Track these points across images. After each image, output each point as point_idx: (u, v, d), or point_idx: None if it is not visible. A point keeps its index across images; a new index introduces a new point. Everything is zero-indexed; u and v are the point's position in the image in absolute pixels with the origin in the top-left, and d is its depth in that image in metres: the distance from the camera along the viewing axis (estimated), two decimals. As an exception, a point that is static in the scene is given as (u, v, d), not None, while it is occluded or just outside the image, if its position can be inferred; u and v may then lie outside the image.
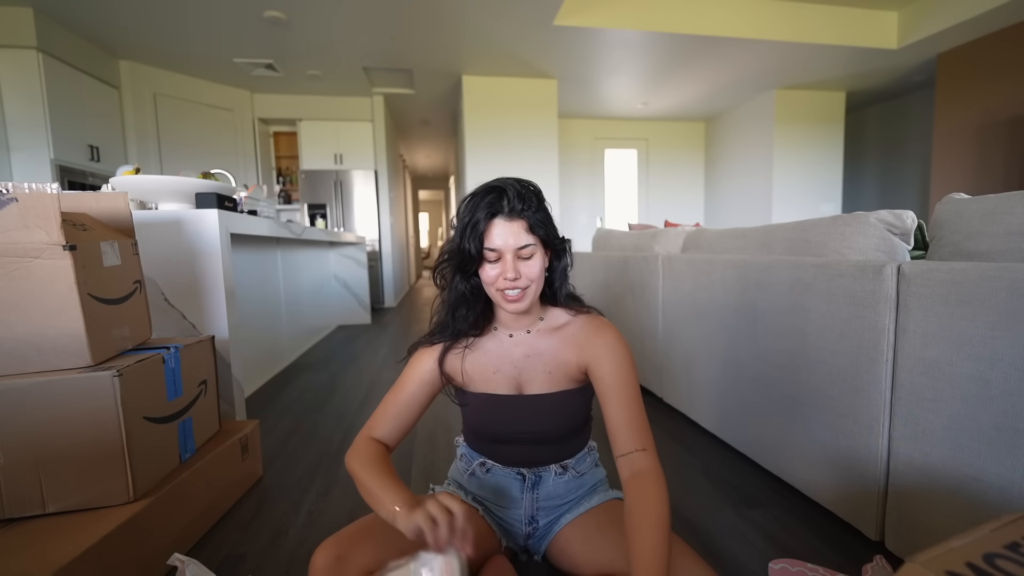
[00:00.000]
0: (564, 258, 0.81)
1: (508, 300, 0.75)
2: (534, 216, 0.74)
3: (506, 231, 0.72)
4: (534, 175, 4.61)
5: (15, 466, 0.86)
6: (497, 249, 0.73)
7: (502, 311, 0.82)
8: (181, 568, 0.85)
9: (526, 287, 0.75)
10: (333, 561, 0.68)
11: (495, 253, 0.73)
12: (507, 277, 0.73)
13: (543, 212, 0.76)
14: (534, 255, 0.75)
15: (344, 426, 1.80)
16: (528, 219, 0.74)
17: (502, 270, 0.73)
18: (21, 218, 0.87)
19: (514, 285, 0.74)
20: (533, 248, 0.74)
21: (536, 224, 0.75)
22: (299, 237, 2.71)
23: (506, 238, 0.72)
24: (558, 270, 0.81)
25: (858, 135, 6.08)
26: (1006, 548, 0.31)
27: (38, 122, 3.30)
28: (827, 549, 1.01)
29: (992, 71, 3.89)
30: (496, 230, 0.73)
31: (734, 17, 3.82)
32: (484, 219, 0.72)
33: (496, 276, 0.74)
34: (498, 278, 0.74)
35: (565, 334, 0.82)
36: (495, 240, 0.73)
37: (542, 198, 0.77)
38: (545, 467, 0.87)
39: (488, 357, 0.83)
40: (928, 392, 0.85)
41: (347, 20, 3.51)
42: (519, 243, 0.73)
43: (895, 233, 1.05)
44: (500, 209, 0.73)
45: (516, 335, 0.83)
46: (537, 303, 0.82)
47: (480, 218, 0.72)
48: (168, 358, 1.07)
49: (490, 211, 0.72)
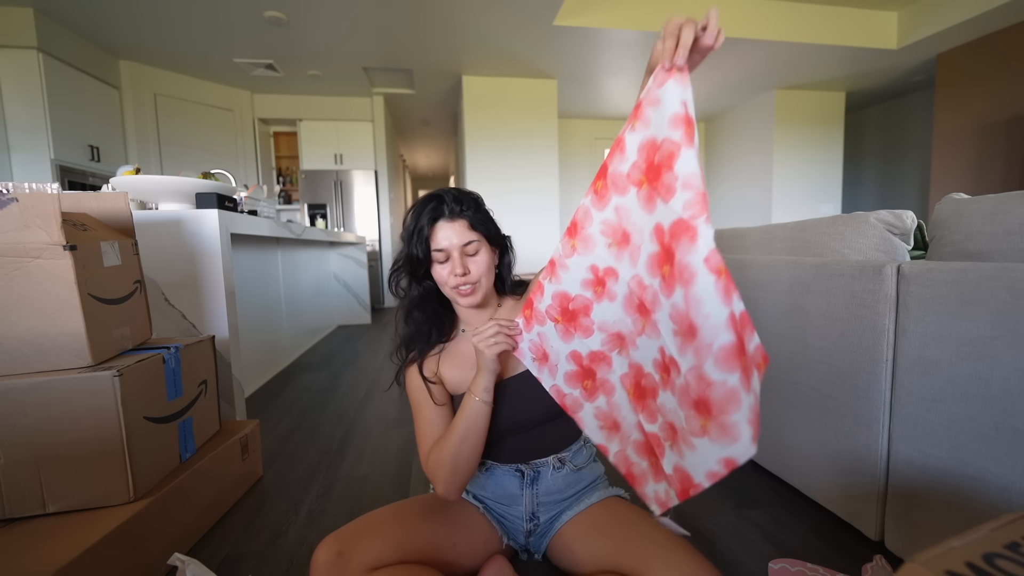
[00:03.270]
0: (508, 254, 0.89)
1: (462, 295, 0.81)
2: (474, 216, 0.81)
3: (449, 231, 0.79)
4: (534, 175, 4.60)
5: (15, 466, 0.86)
6: (444, 249, 0.79)
7: (462, 311, 0.87)
8: (181, 568, 0.85)
9: (476, 281, 0.80)
10: (335, 557, 0.68)
11: (443, 253, 0.79)
12: (456, 273, 0.78)
13: (482, 213, 0.83)
14: (479, 251, 0.81)
15: (344, 426, 1.80)
16: (468, 218, 0.80)
17: (451, 268, 0.79)
18: (21, 218, 0.87)
19: (464, 280, 0.79)
20: (477, 244, 0.80)
21: (477, 222, 0.81)
22: (299, 237, 2.71)
23: (450, 238, 0.79)
24: (505, 265, 0.88)
25: (858, 135, 6.08)
26: (1006, 548, 0.31)
27: (38, 122, 3.30)
28: (827, 549, 1.01)
29: (992, 71, 3.89)
30: (440, 232, 0.79)
31: (734, 17, 3.83)
32: (428, 224, 0.79)
33: (447, 274, 0.79)
34: (449, 276, 0.79)
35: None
36: (441, 241, 0.79)
37: (481, 202, 0.84)
38: (543, 461, 0.88)
39: (462, 358, 0.86)
40: (928, 392, 0.85)
41: (347, 20, 3.51)
42: (463, 240, 0.79)
43: (895, 233, 1.05)
44: (441, 213, 0.79)
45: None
46: (493, 295, 0.88)
47: (424, 223, 0.79)
48: (168, 358, 1.07)
49: (432, 216, 0.79)
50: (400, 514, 0.81)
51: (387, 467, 1.46)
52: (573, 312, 0.73)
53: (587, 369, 0.75)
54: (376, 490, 1.31)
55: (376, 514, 0.80)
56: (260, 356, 2.44)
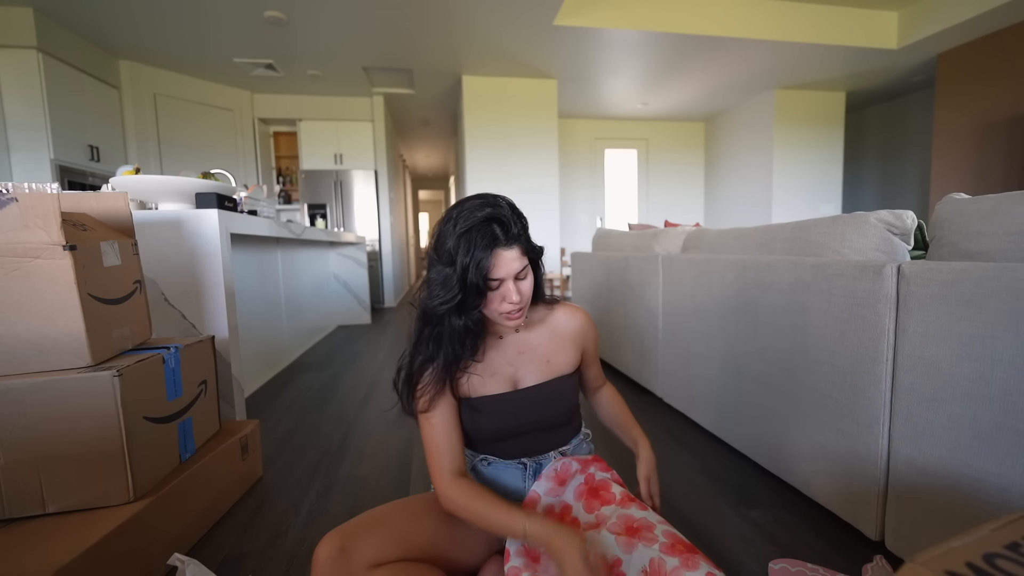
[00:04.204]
0: (540, 265, 0.85)
1: (511, 319, 0.78)
2: (525, 239, 0.76)
3: (507, 260, 0.73)
4: (534, 175, 4.61)
5: (15, 466, 0.86)
6: (499, 279, 0.74)
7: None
8: (181, 568, 0.85)
9: (525, 306, 0.78)
10: (337, 553, 0.68)
11: (497, 282, 0.74)
12: (511, 301, 0.75)
13: (527, 229, 0.78)
14: (528, 275, 0.78)
15: (344, 426, 1.80)
16: (522, 244, 0.75)
17: (504, 295, 0.75)
18: (21, 218, 0.87)
19: (517, 306, 0.76)
20: (527, 270, 0.77)
21: (528, 248, 0.77)
22: (299, 237, 2.71)
23: (508, 267, 0.73)
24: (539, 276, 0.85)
25: (858, 135, 6.08)
26: (1006, 548, 0.31)
27: (38, 122, 3.30)
28: (827, 549, 1.01)
29: (992, 71, 3.89)
30: (498, 261, 0.72)
31: (734, 17, 3.82)
32: (486, 254, 0.71)
33: (500, 302, 0.75)
34: (502, 303, 0.75)
35: (553, 325, 0.89)
36: (498, 271, 0.73)
37: (526, 223, 0.78)
38: (544, 455, 0.88)
39: (484, 364, 0.85)
40: (928, 392, 0.85)
41: (347, 20, 3.51)
42: (518, 267, 0.74)
43: (895, 233, 1.05)
44: (498, 242, 0.72)
45: (506, 336, 0.87)
46: None
47: (481, 253, 0.71)
48: (168, 358, 1.07)
49: (489, 244, 0.71)
50: (402, 511, 0.80)
51: (387, 467, 1.46)
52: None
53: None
54: (376, 490, 1.31)
55: (378, 511, 0.79)
56: (260, 356, 2.44)
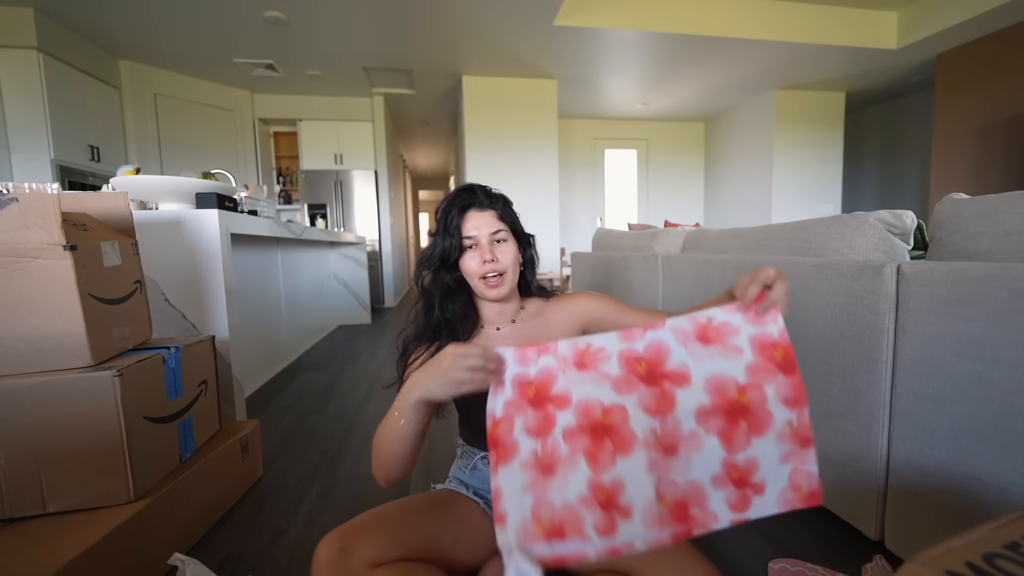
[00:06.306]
0: (530, 251, 0.92)
1: (490, 285, 0.83)
2: (503, 209, 0.86)
3: (479, 220, 0.84)
4: (534, 175, 4.60)
5: (15, 466, 0.86)
6: (473, 237, 0.83)
7: (487, 307, 0.89)
8: (181, 568, 0.85)
9: (503, 271, 0.83)
10: (337, 553, 0.68)
11: (472, 240, 0.83)
12: (486, 260, 0.82)
13: (510, 209, 0.88)
14: (507, 240, 0.85)
15: (344, 426, 1.80)
16: (497, 210, 0.85)
17: (480, 254, 0.82)
18: (21, 218, 0.87)
19: (493, 268, 0.82)
20: (505, 234, 0.85)
21: (505, 215, 0.86)
22: (299, 237, 2.71)
23: (480, 227, 0.83)
24: (528, 262, 0.92)
25: (858, 135, 6.08)
26: (1006, 548, 0.31)
27: (38, 122, 3.30)
28: (827, 549, 1.01)
29: (992, 71, 3.89)
30: (470, 222, 0.84)
31: (734, 17, 3.82)
32: (458, 213, 0.84)
33: (477, 263, 0.83)
34: (479, 263, 0.82)
35: (548, 316, 0.91)
36: (471, 229, 0.83)
37: (509, 201, 0.89)
38: None
39: None
40: (927, 392, 0.85)
41: (347, 20, 3.51)
42: (492, 229, 0.84)
43: (895, 233, 1.05)
44: (472, 202, 0.84)
45: (503, 328, 0.90)
46: (516, 294, 0.91)
47: (454, 213, 0.84)
48: (168, 358, 1.07)
49: (463, 205, 0.84)
50: (402, 510, 0.80)
51: (387, 467, 1.45)
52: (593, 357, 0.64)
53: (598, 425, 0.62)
54: (376, 489, 1.31)
55: (378, 510, 0.79)
56: (260, 356, 2.44)
